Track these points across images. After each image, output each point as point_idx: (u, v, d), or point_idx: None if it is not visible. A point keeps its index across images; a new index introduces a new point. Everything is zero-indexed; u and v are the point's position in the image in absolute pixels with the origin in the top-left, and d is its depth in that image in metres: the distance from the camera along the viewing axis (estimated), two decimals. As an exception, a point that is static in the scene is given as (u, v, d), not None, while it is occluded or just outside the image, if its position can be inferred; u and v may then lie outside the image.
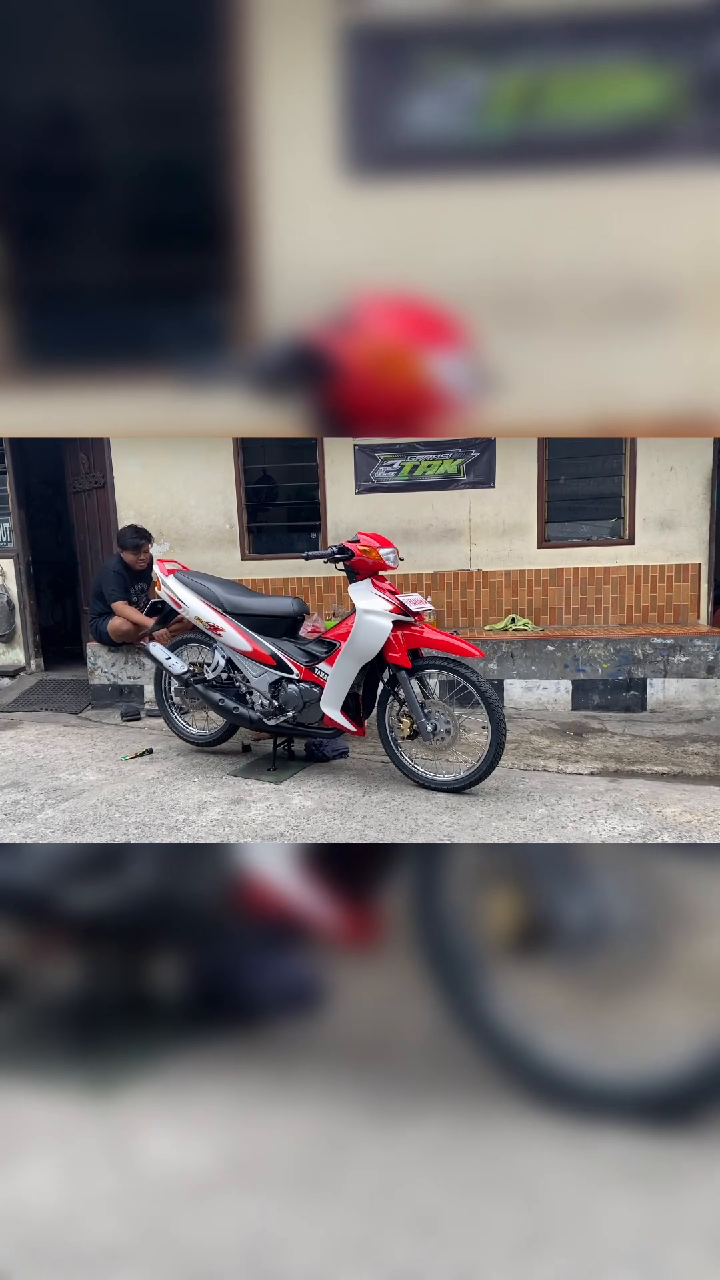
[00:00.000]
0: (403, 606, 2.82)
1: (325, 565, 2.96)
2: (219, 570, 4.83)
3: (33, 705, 4.76)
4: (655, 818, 2.50)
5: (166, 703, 3.57)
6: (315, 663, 3.05)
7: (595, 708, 4.17)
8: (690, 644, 4.09)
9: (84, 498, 5.41)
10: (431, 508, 4.71)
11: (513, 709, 4.20)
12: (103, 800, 2.84)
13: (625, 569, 4.60)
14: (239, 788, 2.97)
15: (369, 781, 3.00)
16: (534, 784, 2.92)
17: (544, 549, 4.67)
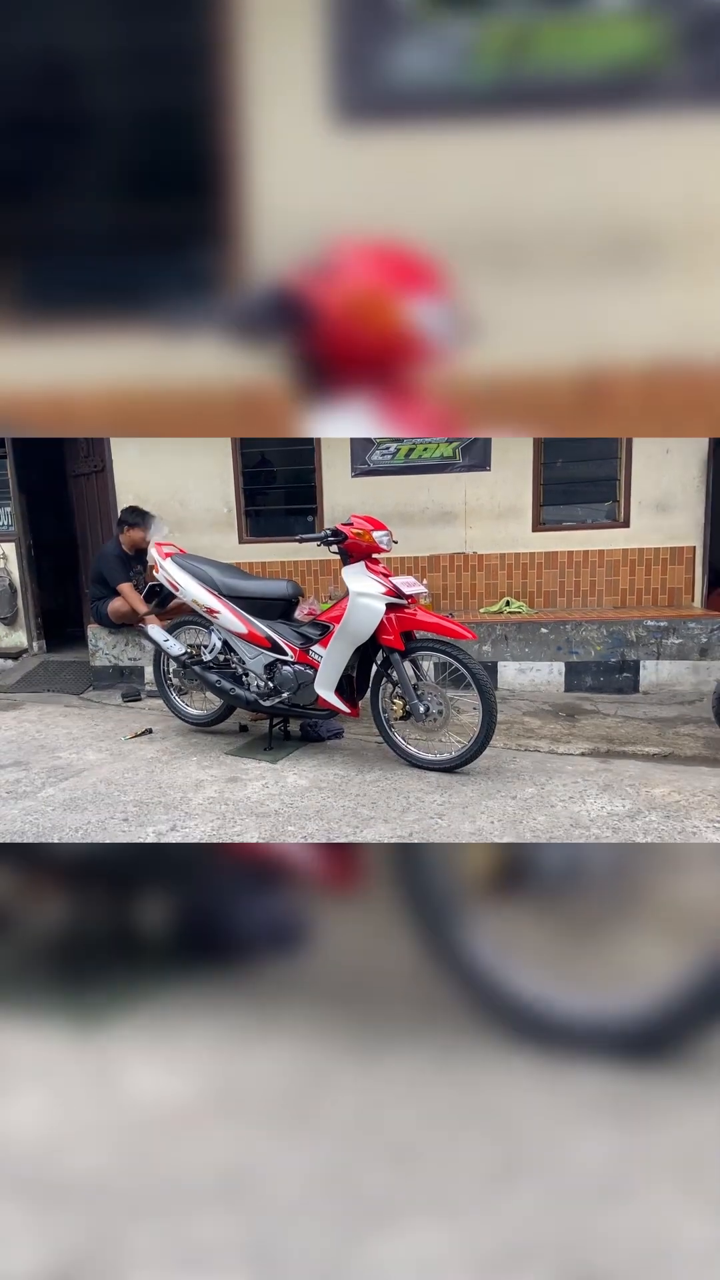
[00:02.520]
0: (396, 589, 2.86)
1: (321, 548, 3.00)
2: (217, 553, 4.86)
3: (35, 686, 4.82)
4: (644, 797, 2.55)
5: (165, 684, 3.63)
6: (309, 645, 3.10)
7: (588, 689, 4.22)
8: (684, 626, 4.12)
9: (83, 482, 5.43)
10: (427, 491, 4.73)
11: (506, 691, 4.26)
12: (102, 779, 2.91)
13: (620, 552, 4.62)
14: (236, 767, 3.03)
15: (363, 761, 3.06)
16: (525, 764, 2.98)
17: (539, 532, 4.70)
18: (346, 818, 2.43)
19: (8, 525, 5.44)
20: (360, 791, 2.69)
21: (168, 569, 3.34)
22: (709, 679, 4.10)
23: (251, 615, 3.19)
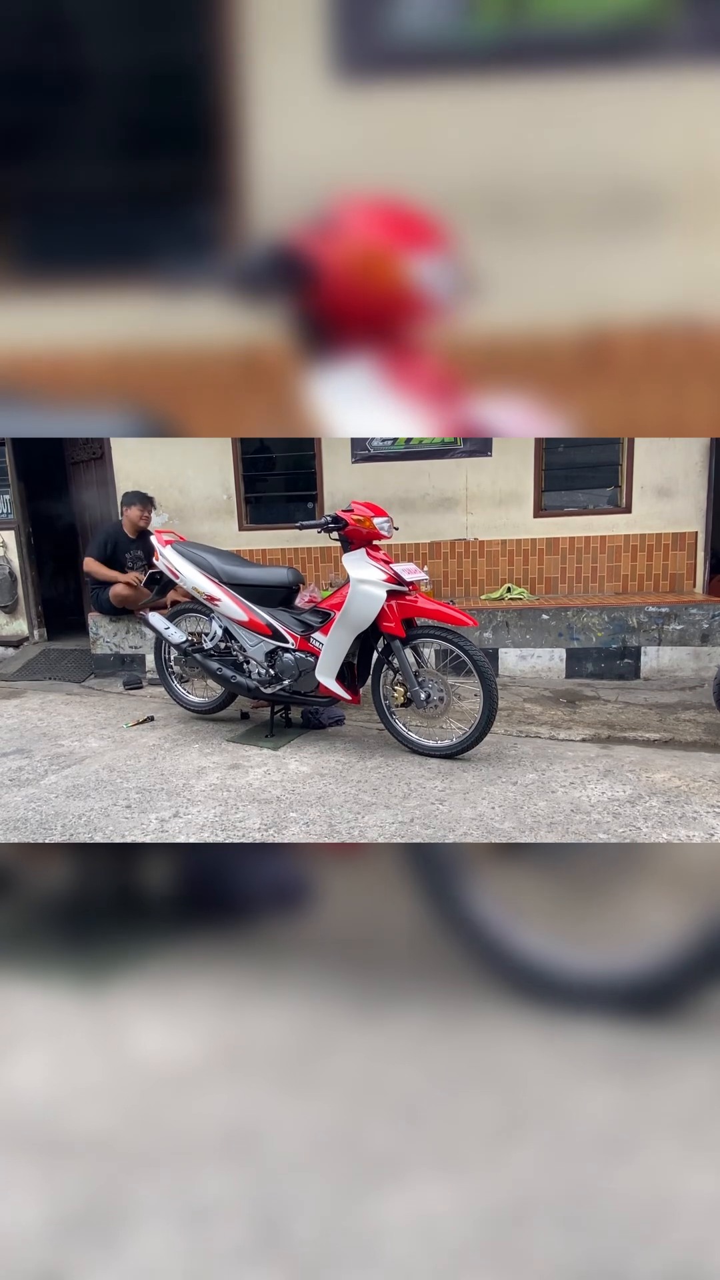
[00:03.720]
0: (397, 576, 2.85)
1: (321, 535, 2.99)
2: (217, 541, 4.85)
3: (36, 675, 4.82)
4: (644, 783, 2.56)
5: (167, 672, 3.63)
6: (310, 632, 3.10)
7: (589, 676, 4.22)
8: (685, 612, 4.12)
9: (82, 469, 5.41)
10: (428, 477, 4.71)
11: (507, 677, 4.26)
12: (105, 766, 2.92)
13: (622, 538, 4.61)
14: (237, 754, 3.04)
15: (364, 748, 3.07)
16: (526, 750, 2.99)
17: (540, 518, 4.68)
18: (348, 804, 2.44)
19: (7, 513, 5.42)
20: (362, 778, 2.70)
21: (168, 556, 3.34)
22: (710, 665, 4.10)
23: (252, 603, 3.19)
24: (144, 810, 2.44)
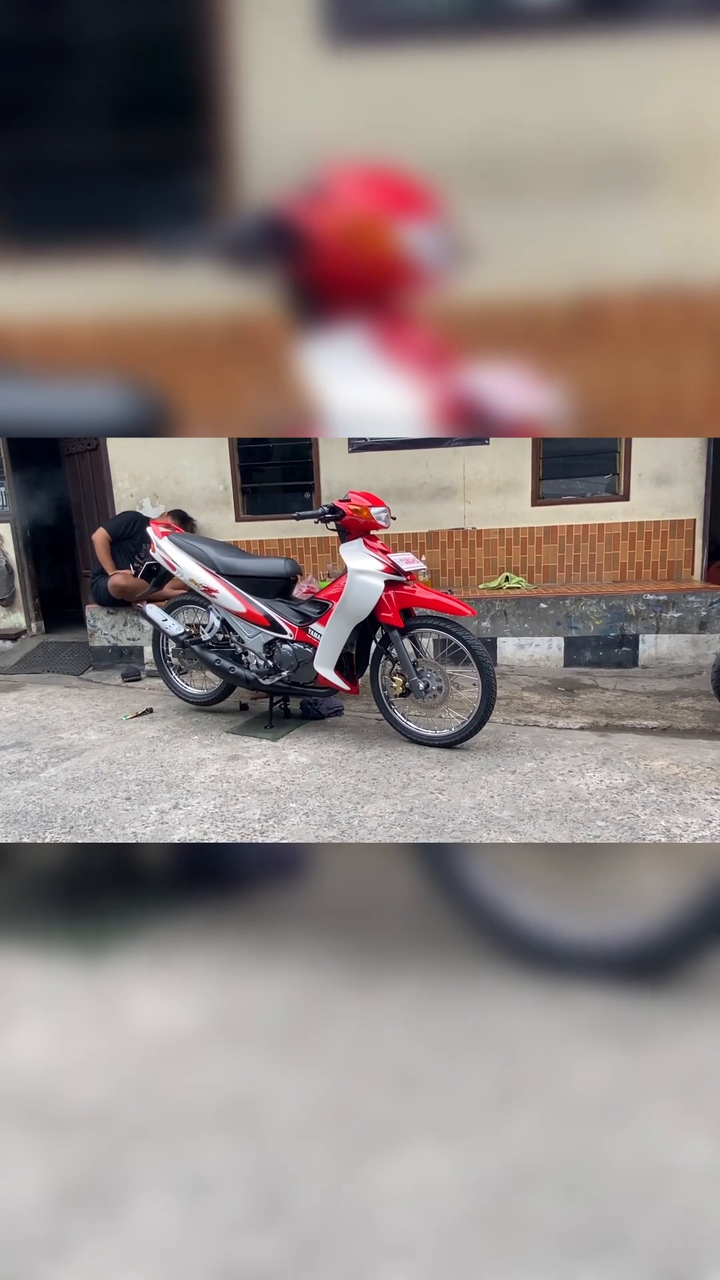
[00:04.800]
0: (395, 566, 2.85)
1: (319, 526, 2.97)
2: (214, 532, 4.84)
3: (35, 668, 4.82)
4: (643, 770, 2.57)
5: (165, 663, 3.63)
6: (308, 623, 3.09)
7: (587, 664, 4.23)
8: (683, 600, 4.12)
9: (77, 460, 5.38)
10: (425, 466, 4.69)
11: (505, 666, 4.26)
12: (104, 759, 2.92)
13: (620, 525, 4.60)
14: (237, 745, 3.05)
15: (363, 738, 3.07)
16: (524, 739, 2.99)
17: (538, 506, 4.67)
18: (348, 794, 2.45)
19: (2, 505, 5.40)
20: (361, 768, 2.70)
21: (164, 548, 3.32)
22: (708, 652, 4.10)
23: (250, 594, 3.18)
24: (144, 802, 2.45)
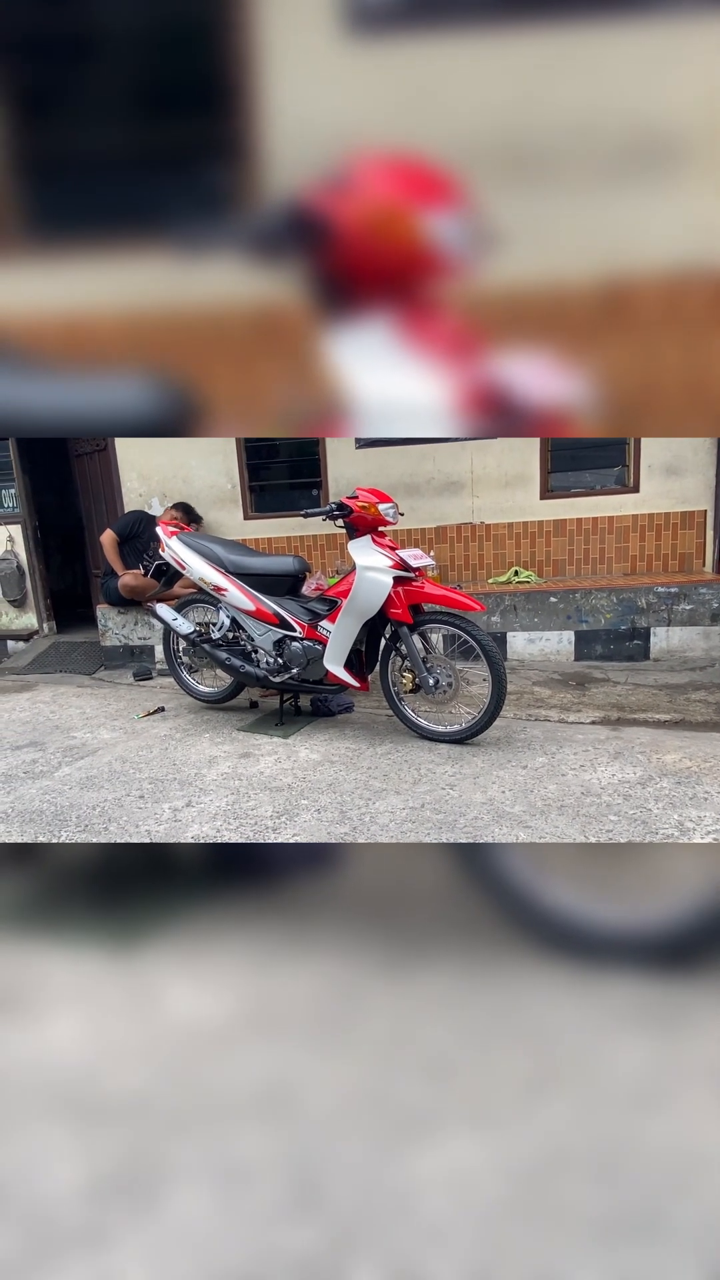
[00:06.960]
0: (403, 562, 2.85)
1: (327, 523, 2.97)
2: (222, 530, 4.85)
3: (47, 668, 4.86)
4: (655, 764, 2.56)
5: (176, 662, 3.64)
6: (318, 620, 3.10)
7: (598, 658, 4.21)
8: (695, 592, 4.09)
9: (86, 460, 5.41)
10: (433, 461, 4.68)
11: (515, 661, 4.25)
12: (117, 757, 2.94)
13: (629, 518, 4.57)
14: (248, 742, 3.06)
15: (373, 734, 3.08)
16: (535, 733, 2.99)
17: (547, 500, 4.64)
18: (359, 790, 2.45)
19: (12, 507, 5.43)
20: (372, 764, 2.71)
21: (174, 547, 3.34)
22: (720, 644, 4.08)
23: (259, 592, 3.19)
24: (157, 800, 2.47)
